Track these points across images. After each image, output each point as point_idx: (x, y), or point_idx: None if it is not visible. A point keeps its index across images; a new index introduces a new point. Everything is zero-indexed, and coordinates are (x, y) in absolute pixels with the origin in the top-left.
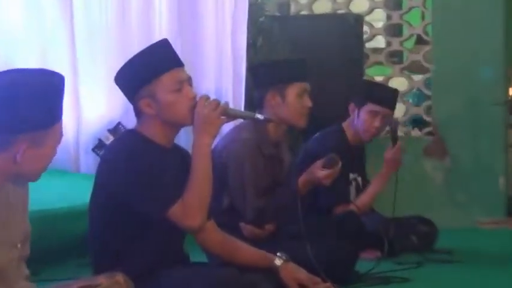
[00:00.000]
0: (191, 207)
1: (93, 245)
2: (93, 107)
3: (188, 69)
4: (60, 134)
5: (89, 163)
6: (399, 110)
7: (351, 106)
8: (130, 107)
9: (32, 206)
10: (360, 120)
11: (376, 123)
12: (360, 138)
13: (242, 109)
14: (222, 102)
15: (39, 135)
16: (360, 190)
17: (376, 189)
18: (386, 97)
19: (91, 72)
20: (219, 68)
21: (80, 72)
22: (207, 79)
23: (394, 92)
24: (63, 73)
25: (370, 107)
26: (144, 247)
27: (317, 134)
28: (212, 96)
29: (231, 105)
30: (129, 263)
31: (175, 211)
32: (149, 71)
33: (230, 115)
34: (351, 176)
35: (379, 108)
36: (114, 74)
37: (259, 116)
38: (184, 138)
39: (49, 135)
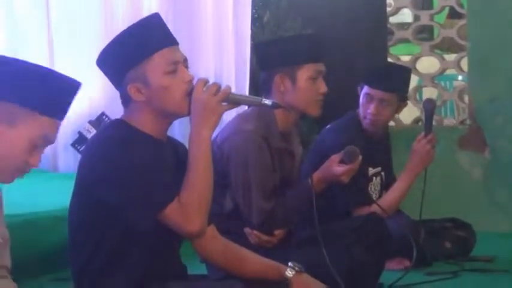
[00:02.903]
0: (189, 209)
1: (74, 257)
2: None
3: (182, 48)
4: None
5: (68, 161)
6: (429, 95)
7: (359, 90)
8: (115, 95)
9: None
10: (360, 105)
11: (370, 108)
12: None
13: (246, 94)
14: (223, 86)
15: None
16: (384, 187)
17: (403, 187)
18: (379, 77)
19: (69, 55)
20: (218, 46)
21: (56, 55)
22: (204, 60)
23: (395, 71)
24: (37, 56)
25: (365, 89)
26: (134, 260)
27: (329, 125)
28: (211, 80)
29: (234, 90)
30: (115, 278)
31: (171, 213)
32: (139, 50)
33: (233, 101)
34: (372, 170)
35: (371, 90)
36: (96, 56)
37: (267, 101)
38: (178, 130)
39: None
